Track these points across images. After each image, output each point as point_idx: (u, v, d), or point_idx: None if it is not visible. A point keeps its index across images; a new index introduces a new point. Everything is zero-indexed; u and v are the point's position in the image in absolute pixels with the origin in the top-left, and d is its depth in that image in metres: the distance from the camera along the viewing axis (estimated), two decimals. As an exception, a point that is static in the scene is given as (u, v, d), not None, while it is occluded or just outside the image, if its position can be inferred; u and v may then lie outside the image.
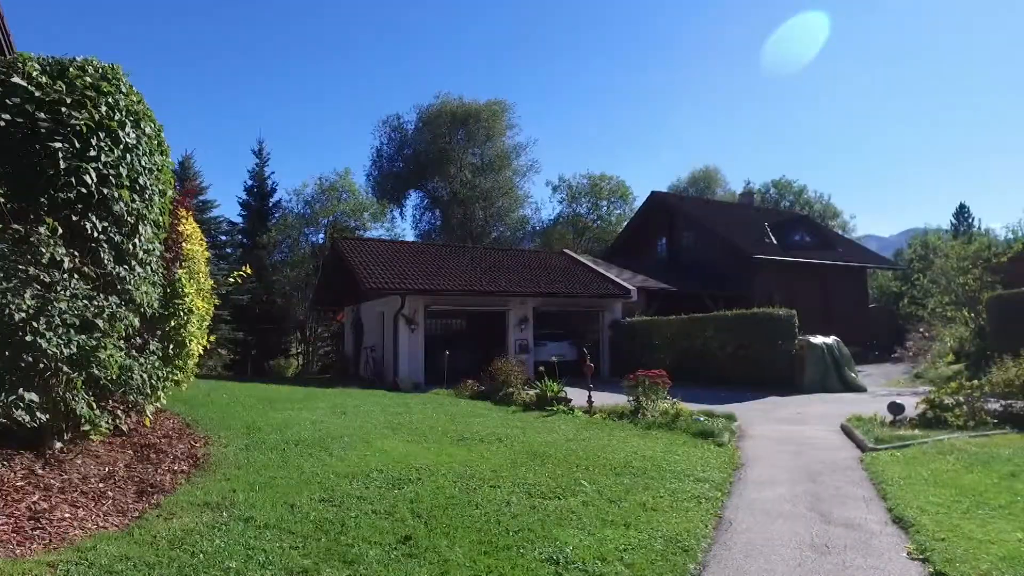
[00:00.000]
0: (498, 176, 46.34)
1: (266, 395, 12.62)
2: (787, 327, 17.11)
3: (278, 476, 6.05)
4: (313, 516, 4.97)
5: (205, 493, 5.34)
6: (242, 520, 4.76)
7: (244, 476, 5.97)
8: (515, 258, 25.78)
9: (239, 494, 5.36)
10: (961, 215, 44.84)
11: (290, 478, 6.02)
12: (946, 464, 7.25)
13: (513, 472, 6.68)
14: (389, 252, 22.84)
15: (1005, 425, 9.57)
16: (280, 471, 6.26)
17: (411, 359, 19.31)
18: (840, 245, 33.58)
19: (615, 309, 23.18)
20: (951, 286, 23.38)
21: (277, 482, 5.83)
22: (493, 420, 10.61)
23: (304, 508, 5.14)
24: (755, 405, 13.65)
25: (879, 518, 5.51)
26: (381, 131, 48.68)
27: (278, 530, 4.63)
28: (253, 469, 6.27)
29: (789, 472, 7.29)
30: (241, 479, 5.86)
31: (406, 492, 5.79)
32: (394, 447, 7.76)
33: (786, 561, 4.56)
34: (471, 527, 4.94)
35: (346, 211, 37.31)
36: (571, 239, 45.32)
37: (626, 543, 4.69)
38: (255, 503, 5.17)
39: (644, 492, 6.04)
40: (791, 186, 52.97)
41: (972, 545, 4.54)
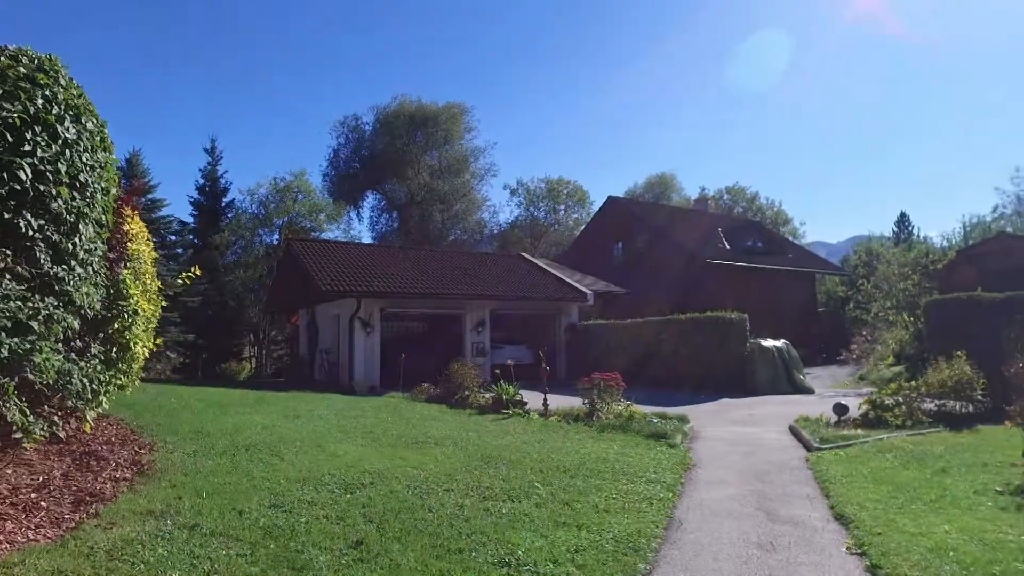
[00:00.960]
0: (456, 179, 46.30)
1: (217, 399, 12.30)
2: (739, 330, 17.53)
3: (227, 482, 5.90)
4: (262, 522, 4.86)
5: (148, 501, 5.17)
6: (187, 528, 4.63)
7: (191, 482, 5.80)
8: (472, 261, 25.76)
9: (185, 501, 5.22)
10: (902, 224, 46.57)
11: (239, 484, 5.88)
12: (885, 462, 7.53)
13: (467, 475, 6.67)
14: (345, 254, 22.55)
15: (939, 424, 10.03)
16: (229, 477, 6.11)
17: (367, 362, 19.09)
18: (790, 251, 34.58)
19: (572, 312, 23.37)
20: (893, 291, 24.32)
21: (226, 488, 5.69)
22: (448, 423, 10.58)
23: (253, 514, 5.03)
24: (708, 407, 13.94)
25: (822, 515, 5.69)
26: (338, 131, 48.18)
27: (225, 537, 4.52)
28: (201, 475, 6.10)
29: (739, 472, 7.47)
30: (188, 486, 5.69)
31: (359, 496, 5.72)
32: (347, 451, 7.66)
33: (733, 559, 4.67)
34: (423, 531, 4.92)
35: (301, 212, 36.73)
36: (529, 243, 45.56)
37: (578, 544, 4.73)
38: (202, 510, 5.03)
39: (597, 494, 6.10)
40: (744, 192, 54.32)
41: (905, 538, 4.74)
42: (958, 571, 4.10)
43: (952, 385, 10.79)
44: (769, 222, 48.10)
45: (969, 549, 4.43)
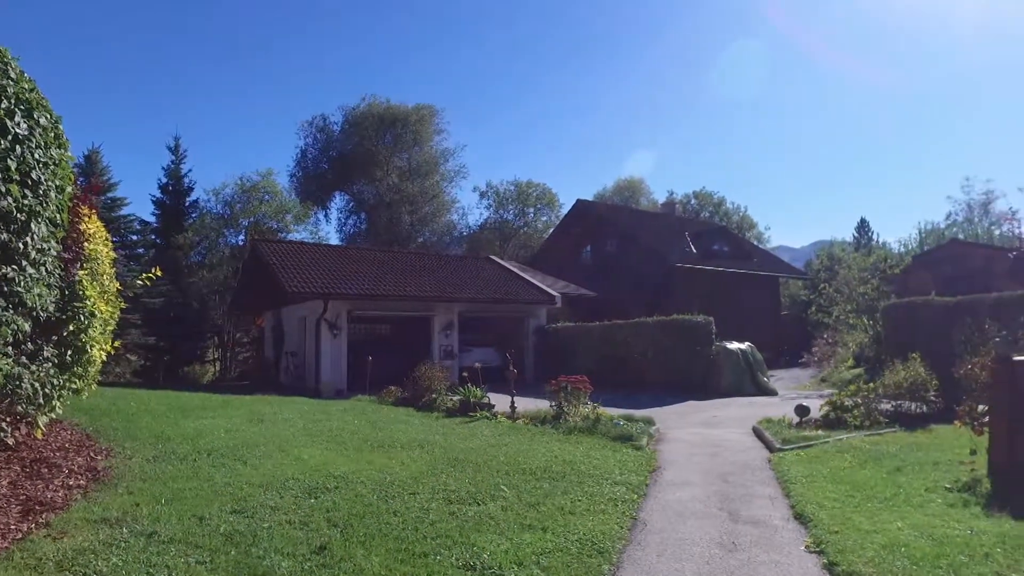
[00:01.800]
0: (425, 181, 46.12)
1: (178, 403, 12.03)
2: (705, 333, 17.78)
3: (187, 488, 5.78)
4: (223, 529, 4.77)
5: (103, 509, 5.03)
6: (144, 536, 4.52)
7: (149, 489, 5.67)
8: (441, 263, 25.70)
9: (142, 508, 5.09)
10: (862, 229, 47.86)
11: (200, 489, 5.76)
12: (843, 462, 7.71)
13: (433, 478, 6.65)
14: (312, 255, 22.30)
15: (895, 424, 10.30)
16: (190, 482, 5.99)
17: (333, 365, 18.88)
18: (755, 255, 35.21)
19: (540, 315, 23.45)
20: (853, 295, 24.93)
21: (186, 494, 5.57)
22: (415, 426, 10.52)
23: (214, 520, 4.94)
24: (674, 409, 14.11)
25: (783, 515, 5.81)
26: (306, 132, 47.60)
27: (184, 544, 4.42)
28: (160, 481, 5.97)
29: (703, 473, 7.57)
30: (146, 492, 5.56)
31: (323, 501, 5.66)
32: (312, 455, 7.57)
33: (696, 559, 4.74)
34: (388, 535, 4.88)
35: (268, 212, 36.14)
36: (498, 245, 45.58)
37: (543, 547, 4.74)
38: (160, 517, 4.92)
39: (563, 496, 6.13)
40: (711, 197, 55.14)
41: (861, 536, 4.86)
42: (908, 566, 4.23)
43: (907, 386, 11.10)
44: (735, 227, 48.91)
45: (919, 544, 4.57)
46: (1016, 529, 4.82)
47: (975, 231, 38.97)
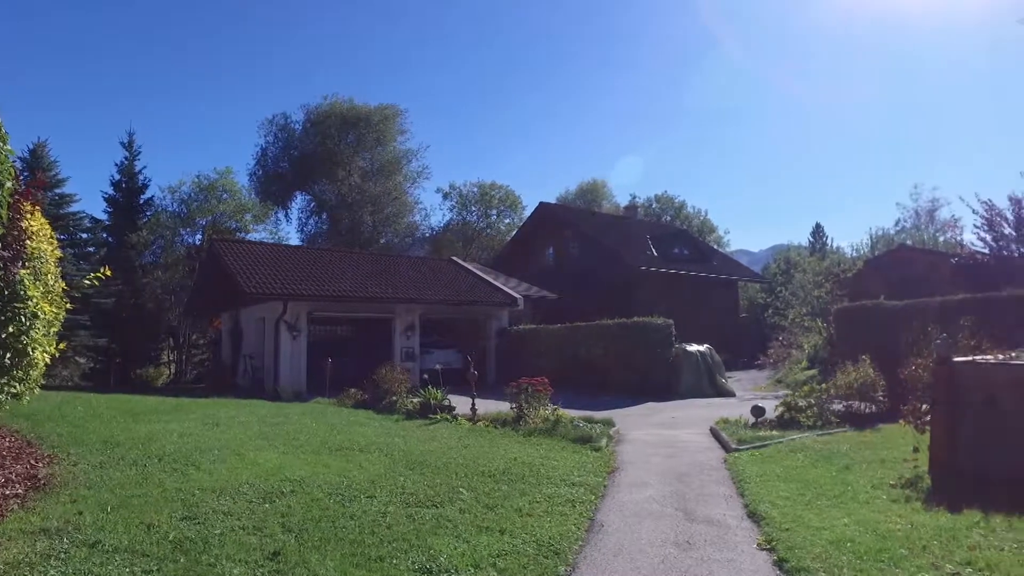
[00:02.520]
0: (388, 181, 45.77)
1: (129, 407, 11.70)
2: (665, 335, 18.03)
3: (136, 495, 5.62)
4: (172, 536, 4.65)
5: (43, 518, 4.84)
6: (87, 545, 4.36)
7: (95, 496, 5.49)
8: (403, 265, 25.55)
9: (86, 516, 4.92)
10: (817, 234, 49.13)
11: (149, 496, 5.60)
12: (796, 461, 7.90)
13: (391, 481, 6.59)
14: (271, 256, 21.94)
15: (846, 424, 10.60)
16: (138, 489, 5.82)
17: (292, 367, 18.59)
18: (715, 258, 35.87)
19: (502, 317, 23.48)
20: (808, 298, 25.60)
21: (133, 501, 5.41)
22: (374, 429, 10.43)
23: (163, 528, 4.80)
24: (634, 410, 14.27)
25: (737, 513, 5.92)
26: (267, 130, 46.79)
27: (130, 554, 4.29)
28: (107, 488, 5.79)
29: (660, 474, 7.67)
30: (91, 500, 5.38)
31: (278, 505, 5.56)
32: (268, 459, 7.43)
33: (651, 558, 4.80)
34: (344, 539, 4.83)
35: (226, 212, 35.44)
36: (460, 247, 45.48)
37: (500, 549, 4.75)
38: (105, 525, 4.76)
39: (521, 498, 6.15)
40: (672, 201, 55.95)
41: (810, 533, 4.99)
42: (853, 560, 4.36)
43: (857, 387, 11.41)
44: (696, 231, 49.70)
45: (864, 540, 4.72)
46: (951, 522, 5.01)
47: (922, 237, 40.39)
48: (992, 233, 20.75)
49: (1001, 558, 4.23)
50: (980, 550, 4.39)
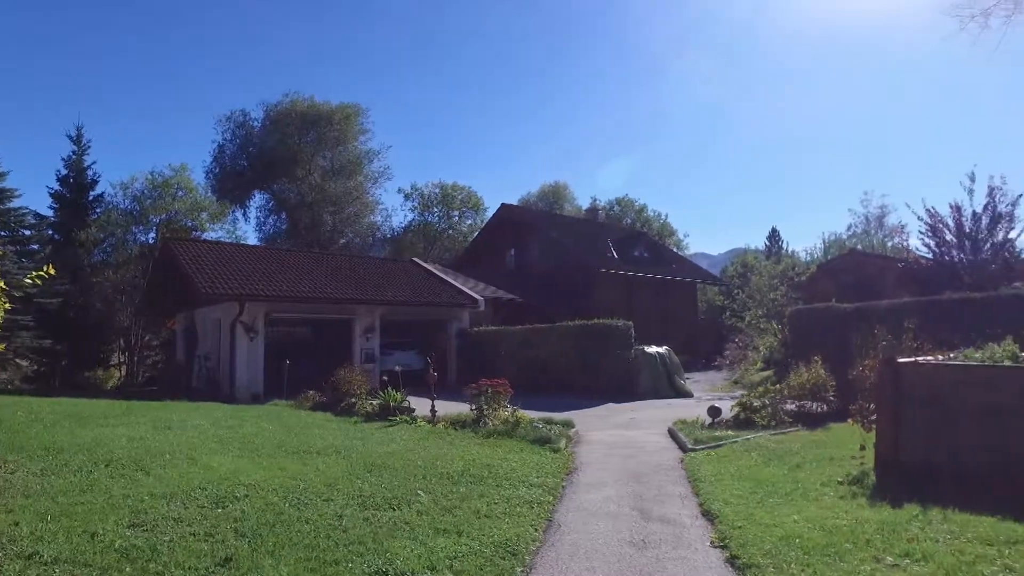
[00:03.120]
0: (349, 181, 45.31)
1: (76, 411, 11.30)
2: (624, 337, 18.24)
3: (79, 502, 5.43)
4: (118, 544, 4.51)
5: (-26, 529, 4.64)
6: (22, 557, 4.18)
7: (33, 505, 5.28)
8: (363, 265, 25.31)
9: (23, 527, 4.73)
10: (773, 238, 50.49)
11: (94, 503, 5.43)
12: (750, 460, 8.08)
13: (349, 484, 6.52)
14: (228, 255, 21.48)
15: (798, 423, 10.88)
16: (83, 496, 5.63)
17: (250, 369, 18.24)
18: (674, 261, 36.47)
19: (463, 318, 23.44)
20: (764, 301, 26.20)
21: (76, 510, 5.23)
22: (333, 432, 10.30)
23: (108, 536, 4.65)
24: (594, 411, 14.39)
25: (691, 512, 6.02)
26: (224, 127, 45.81)
27: (71, 564, 4.14)
28: (47, 496, 5.58)
29: (618, 474, 7.76)
30: (28, 509, 5.17)
31: (231, 510, 5.45)
32: (222, 463, 7.28)
33: (607, 558, 4.85)
34: (299, 543, 4.76)
35: (182, 210, 34.53)
36: (422, 248, 45.29)
37: (457, 551, 4.74)
38: (43, 536, 4.58)
39: (479, 499, 6.15)
40: (633, 204, 56.70)
41: (761, 530, 5.11)
42: (801, 555, 4.49)
43: (810, 388, 11.71)
44: (656, 234, 50.46)
45: (812, 535, 4.86)
46: (893, 516, 5.20)
47: (872, 242, 41.82)
48: (935, 239, 21.60)
49: (936, 549, 4.42)
50: (918, 542, 4.57)
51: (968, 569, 4.07)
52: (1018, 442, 5.82)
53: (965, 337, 9.57)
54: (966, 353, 7.25)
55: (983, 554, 4.28)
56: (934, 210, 21.50)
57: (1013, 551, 4.32)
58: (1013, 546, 4.40)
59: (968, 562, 4.16)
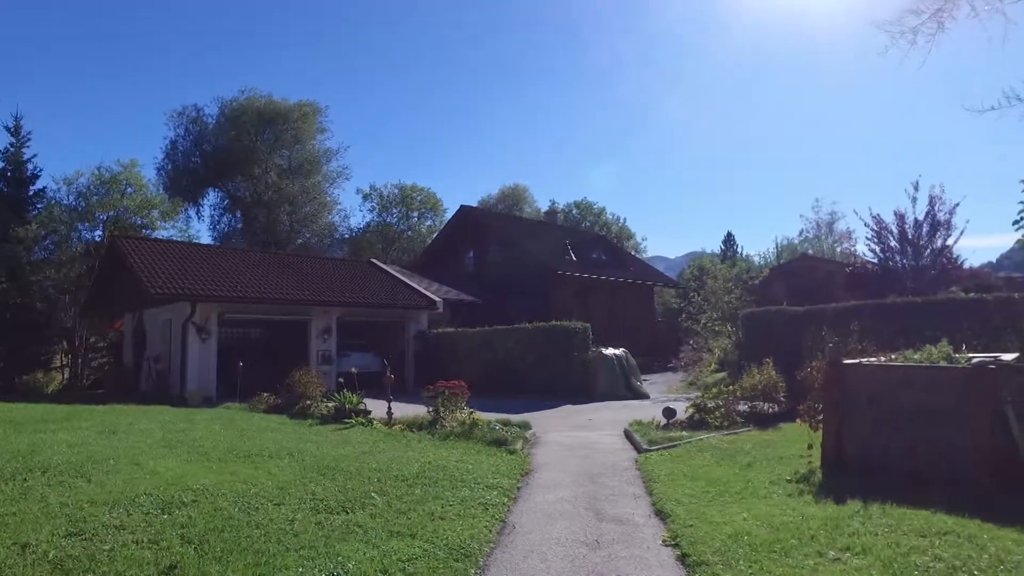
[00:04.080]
0: (306, 181, 44.60)
1: (10, 416, 10.85)
2: (582, 339, 18.39)
3: (10, 512, 5.20)
4: (53, 555, 4.33)
5: None
6: (-56, 571, 4.00)
7: (-41, 516, 5.04)
8: (320, 266, 24.96)
9: (-53, 539, 4.51)
10: (728, 242, 51.58)
11: (28, 513, 5.20)
12: (703, 460, 8.23)
13: (301, 488, 6.41)
14: (180, 254, 20.93)
15: (750, 423, 11.13)
16: (15, 506, 5.39)
17: (201, 371, 17.79)
18: (632, 264, 36.95)
19: (421, 320, 23.31)
20: (719, 303, 26.70)
21: (7, 520, 5.01)
22: (287, 434, 10.12)
23: (42, 546, 4.47)
24: (551, 413, 14.46)
25: (644, 512, 6.10)
26: (177, 122, 44.58)
27: (-2, 577, 3.97)
28: (-25, 506, 5.33)
29: (573, 475, 7.81)
30: (-46, 520, 4.94)
31: (177, 516, 5.30)
32: (170, 468, 7.07)
33: (560, 558, 4.88)
34: (248, 549, 4.65)
35: (131, 207, 33.37)
36: (380, 249, 44.88)
37: (410, 553, 4.71)
38: (-31, 547, 4.38)
39: (434, 502, 6.12)
40: (592, 207, 57.23)
41: (712, 528, 5.22)
42: (749, 552, 4.60)
43: (761, 389, 12.00)
44: (614, 237, 51.03)
45: (760, 532, 4.98)
46: (837, 512, 5.37)
47: (822, 247, 43.14)
48: (881, 245, 22.44)
49: (874, 542, 4.59)
50: (858, 536, 4.73)
51: (903, 560, 4.24)
52: (950, 439, 6.08)
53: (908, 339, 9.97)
54: (906, 354, 7.53)
55: (916, 545, 4.46)
56: (880, 217, 22.34)
57: (943, 541, 4.51)
58: (943, 537, 4.60)
59: (903, 553, 4.33)
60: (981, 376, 6.05)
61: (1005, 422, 5.78)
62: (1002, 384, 5.88)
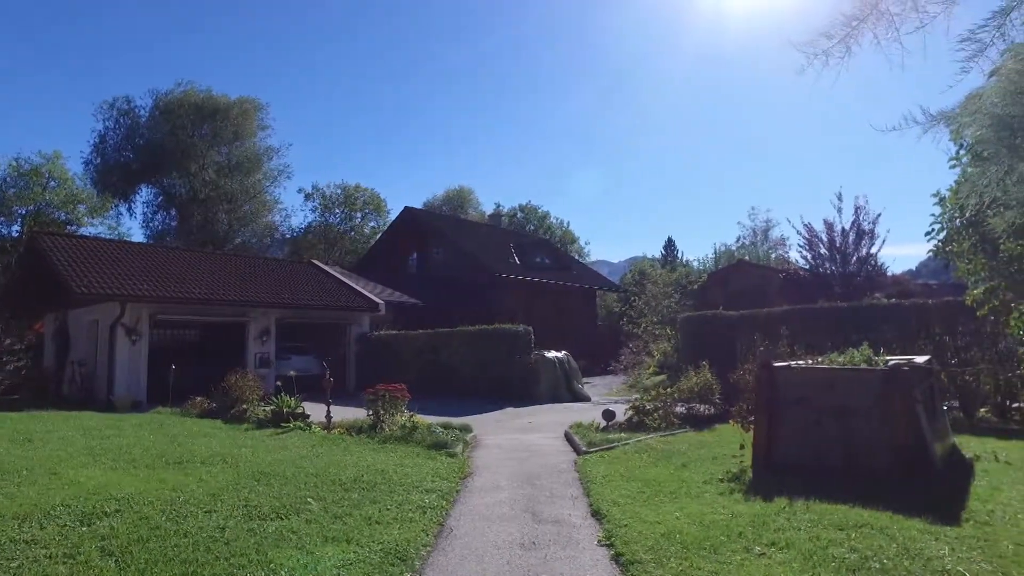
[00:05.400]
0: (246, 178, 43.36)
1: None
2: (524, 342, 18.50)
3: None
4: (-48, 574, 4.09)
5: None
6: None
7: None
8: (259, 266, 24.30)
9: None
10: (669, 248, 52.88)
11: (-76, 530, 4.89)
12: (640, 461, 8.39)
13: (234, 494, 6.23)
14: (109, 252, 20.01)
15: (687, 425, 11.41)
16: (-91, 524, 5.05)
17: (131, 375, 17.06)
18: (575, 268, 37.38)
19: (363, 322, 23.00)
20: (659, 308, 27.35)
21: (-99, 539, 4.69)
22: (221, 440, 9.82)
23: (-59, 565, 4.21)
24: (493, 416, 14.49)
25: (581, 513, 6.18)
26: (106, 114, 42.63)
27: None
28: None
29: (513, 478, 7.84)
30: None
31: (99, 528, 5.07)
32: (92, 477, 6.77)
33: (497, 560, 4.90)
34: (175, 559, 4.50)
35: (53, 201, 31.82)
36: (322, 250, 44.05)
37: (345, 559, 4.64)
38: None
39: (371, 506, 6.04)
40: (536, 211, 57.68)
41: (646, 527, 5.34)
42: (680, 549, 4.73)
43: (698, 391, 12.33)
44: (558, 241, 51.56)
45: (691, 530, 5.13)
46: (764, 509, 5.58)
47: (758, 254, 44.70)
48: (812, 252, 23.52)
49: (797, 537, 4.79)
50: (783, 532, 4.93)
51: (822, 553, 4.45)
52: (870, 436, 6.42)
53: (835, 342, 10.46)
54: (831, 357, 7.90)
55: (835, 538, 4.69)
56: (811, 225, 23.40)
57: (859, 534, 4.76)
58: (859, 529, 4.84)
59: (822, 547, 4.54)
60: (896, 377, 6.40)
61: (918, 419, 6.13)
62: (914, 384, 6.24)
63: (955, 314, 11.55)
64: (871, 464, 6.32)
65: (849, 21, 3.04)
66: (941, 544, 4.54)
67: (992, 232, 7.21)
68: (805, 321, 14.13)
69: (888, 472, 6.14)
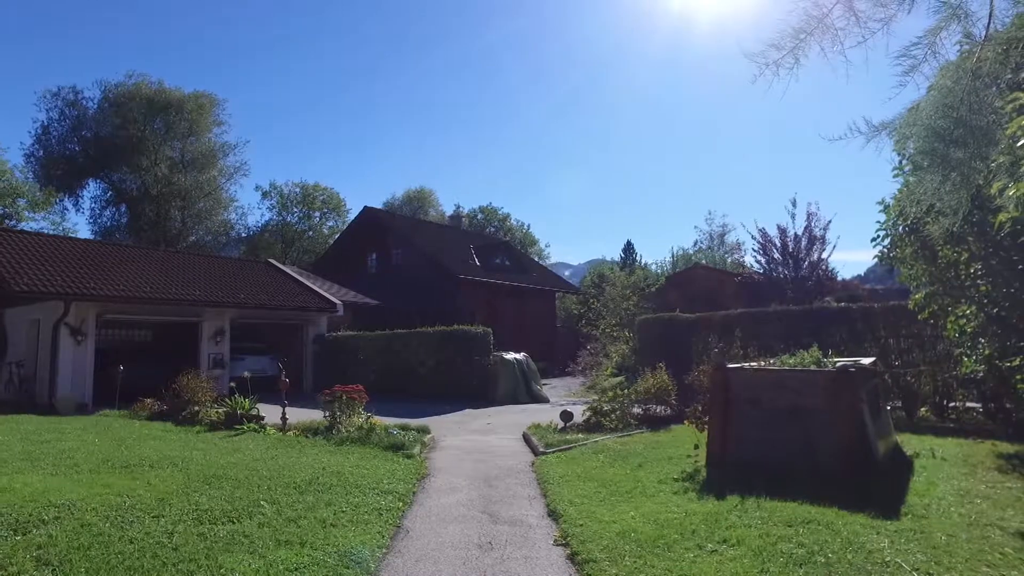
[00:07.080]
0: (201, 175, 42.27)
1: None
2: (483, 343, 18.49)
3: None
4: None
5: None
6: None
7: None
8: (213, 265, 23.73)
9: None
10: (628, 251, 53.49)
11: None
12: (596, 461, 8.47)
13: (184, 499, 6.07)
14: (52, 249, 19.24)
15: (643, 426, 11.57)
16: None
17: (75, 376, 16.44)
18: (535, 270, 37.55)
19: (321, 323, 22.66)
20: (617, 310, 27.67)
21: None
22: (171, 443, 9.55)
23: None
24: (451, 417, 14.44)
25: (538, 513, 6.22)
26: (50, 104, 41.05)
27: None
28: None
29: (470, 479, 7.84)
30: None
31: (35, 536, 4.87)
32: (29, 483, 6.48)
33: (453, 561, 4.89)
34: (118, 566, 4.36)
35: (-8, 195, 30.48)
36: (280, 249, 43.30)
37: (299, 562, 4.57)
38: None
39: (326, 508, 5.96)
40: (497, 213, 57.77)
41: (601, 527, 5.40)
42: (635, 548, 4.80)
43: (655, 392, 12.50)
44: (518, 243, 51.73)
45: (646, 529, 5.20)
46: (717, 508, 5.70)
47: (714, 257, 45.62)
48: (766, 257, 24.10)
49: (748, 534, 4.91)
50: (734, 529, 5.04)
51: (771, 548, 4.57)
52: (818, 435, 6.62)
53: (787, 344, 10.74)
54: (782, 359, 8.12)
55: (784, 534, 4.82)
56: (765, 231, 23.98)
57: (806, 529, 4.90)
58: (807, 525, 4.99)
59: (772, 543, 4.67)
60: (843, 378, 6.62)
61: (863, 419, 6.35)
62: (860, 385, 6.46)
63: (899, 318, 11.97)
64: (820, 462, 6.51)
65: (797, 34, 3.15)
66: (882, 537, 4.71)
67: (931, 239, 7.52)
68: (759, 323, 14.47)
69: (835, 470, 6.34)
